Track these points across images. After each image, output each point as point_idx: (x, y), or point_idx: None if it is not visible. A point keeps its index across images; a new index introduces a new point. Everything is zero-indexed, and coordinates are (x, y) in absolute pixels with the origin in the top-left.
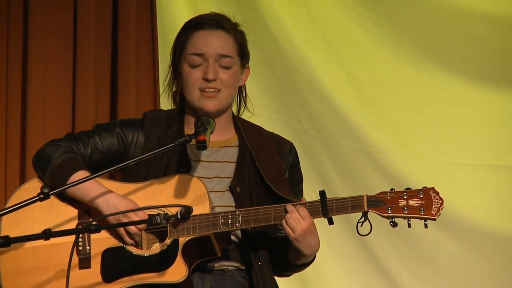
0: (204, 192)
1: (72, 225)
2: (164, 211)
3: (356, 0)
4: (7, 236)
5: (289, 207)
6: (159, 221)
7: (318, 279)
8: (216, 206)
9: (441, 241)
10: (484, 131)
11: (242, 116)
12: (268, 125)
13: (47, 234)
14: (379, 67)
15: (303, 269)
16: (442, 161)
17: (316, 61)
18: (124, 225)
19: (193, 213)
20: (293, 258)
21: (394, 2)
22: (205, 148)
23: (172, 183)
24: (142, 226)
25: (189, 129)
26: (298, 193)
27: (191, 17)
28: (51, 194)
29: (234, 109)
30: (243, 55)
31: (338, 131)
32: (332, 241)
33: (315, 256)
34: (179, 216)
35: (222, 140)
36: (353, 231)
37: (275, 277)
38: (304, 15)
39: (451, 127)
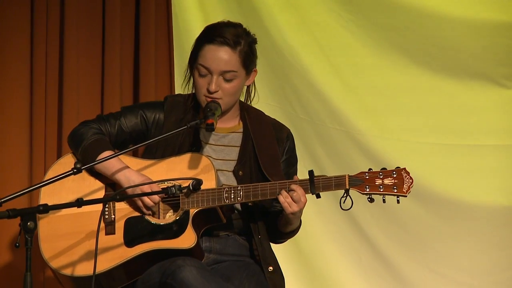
0: (212, 170)
1: (99, 195)
2: (180, 184)
3: (341, 6)
4: (46, 204)
5: (294, 186)
6: (174, 191)
7: (308, 241)
8: (222, 184)
9: (413, 208)
10: (447, 115)
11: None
12: (266, 111)
13: (79, 203)
14: (359, 62)
15: (292, 237)
16: (414, 141)
17: (307, 57)
18: (143, 195)
19: (201, 188)
20: (282, 227)
21: (372, 7)
22: (212, 129)
23: (184, 160)
24: (157, 198)
25: (202, 114)
26: (293, 173)
27: (210, 24)
28: (83, 169)
29: (242, 97)
30: (248, 64)
31: (325, 116)
32: (320, 210)
33: (299, 225)
34: (191, 187)
35: (229, 127)
36: (338, 202)
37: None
38: (297, 18)
39: (420, 112)
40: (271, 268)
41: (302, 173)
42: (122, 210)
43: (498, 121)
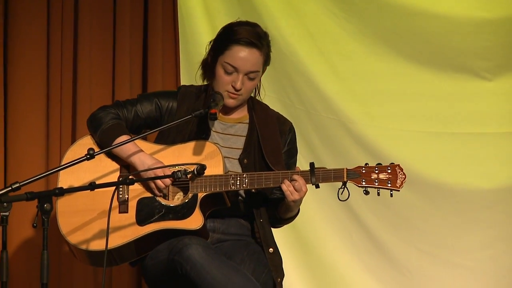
0: (220, 156)
1: (115, 176)
2: (185, 169)
3: (334, 4)
4: (61, 188)
5: (296, 176)
6: (180, 176)
7: (304, 223)
8: (228, 170)
9: (402, 192)
10: (433, 105)
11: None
12: (265, 101)
13: (92, 186)
14: (351, 56)
15: (290, 222)
16: (401, 129)
17: (302, 50)
18: (154, 178)
19: (209, 174)
20: (282, 213)
21: (363, 6)
22: (215, 118)
23: (194, 147)
24: (168, 181)
25: None
26: (293, 164)
27: (233, 22)
28: (95, 155)
29: None
30: (266, 63)
31: (319, 106)
32: (317, 195)
33: (298, 212)
34: (195, 172)
35: (237, 118)
36: (334, 188)
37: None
38: (292, 14)
39: (407, 102)
40: (271, 249)
41: (299, 161)
42: (135, 190)
43: (479, 110)
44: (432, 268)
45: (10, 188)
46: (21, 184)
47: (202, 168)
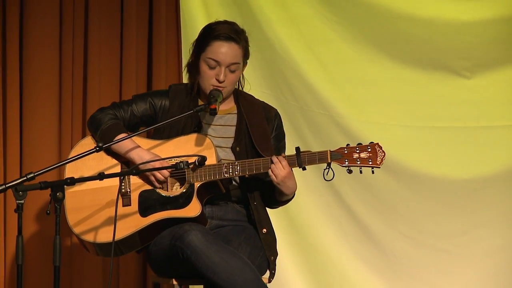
0: (212, 148)
1: (116, 171)
2: (186, 160)
3: (325, 7)
4: (72, 177)
5: (274, 159)
6: (182, 167)
7: (297, 208)
8: (221, 159)
9: (386, 180)
10: (416, 101)
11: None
12: (260, 98)
13: (101, 176)
14: (340, 55)
15: (287, 203)
16: (386, 123)
17: (296, 51)
18: (154, 170)
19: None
20: (278, 196)
21: (351, 9)
22: (215, 113)
23: (188, 140)
24: (167, 173)
25: (201, 100)
26: (282, 147)
27: (211, 22)
28: (104, 147)
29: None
30: (246, 56)
31: (311, 101)
32: (307, 183)
33: (294, 194)
34: (197, 163)
35: (225, 109)
36: (322, 175)
37: (267, 210)
38: (286, 17)
39: (392, 98)
40: (265, 230)
41: (291, 150)
42: (136, 184)
43: (458, 106)
44: (415, 252)
45: (25, 178)
46: (35, 174)
47: (203, 159)
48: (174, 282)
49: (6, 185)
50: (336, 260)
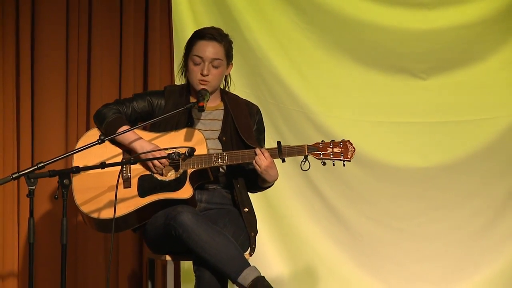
0: (203, 140)
1: (118, 159)
2: (178, 151)
3: (299, 17)
4: (78, 166)
5: (258, 150)
6: (174, 157)
7: (276, 194)
8: (210, 149)
9: (354, 170)
10: (380, 99)
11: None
12: (243, 96)
13: (103, 165)
14: (313, 59)
15: (267, 189)
16: (354, 119)
17: (273, 54)
18: (153, 159)
19: (195, 154)
20: (260, 183)
21: (321, 18)
22: (203, 110)
23: (182, 133)
24: (165, 161)
25: (193, 98)
26: (262, 139)
27: (198, 29)
28: (106, 140)
29: (222, 85)
30: (229, 57)
31: (287, 100)
32: (286, 176)
33: (272, 184)
34: (187, 154)
35: (213, 106)
36: (299, 165)
37: (248, 193)
38: (265, 25)
39: (359, 97)
40: (246, 209)
41: (271, 144)
42: (136, 169)
43: (416, 104)
44: (379, 232)
45: (36, 166)
46: (45, 163)
47: (192, 150)
48: (167, 258)
49: (19, 173)
50: (310, 239)
